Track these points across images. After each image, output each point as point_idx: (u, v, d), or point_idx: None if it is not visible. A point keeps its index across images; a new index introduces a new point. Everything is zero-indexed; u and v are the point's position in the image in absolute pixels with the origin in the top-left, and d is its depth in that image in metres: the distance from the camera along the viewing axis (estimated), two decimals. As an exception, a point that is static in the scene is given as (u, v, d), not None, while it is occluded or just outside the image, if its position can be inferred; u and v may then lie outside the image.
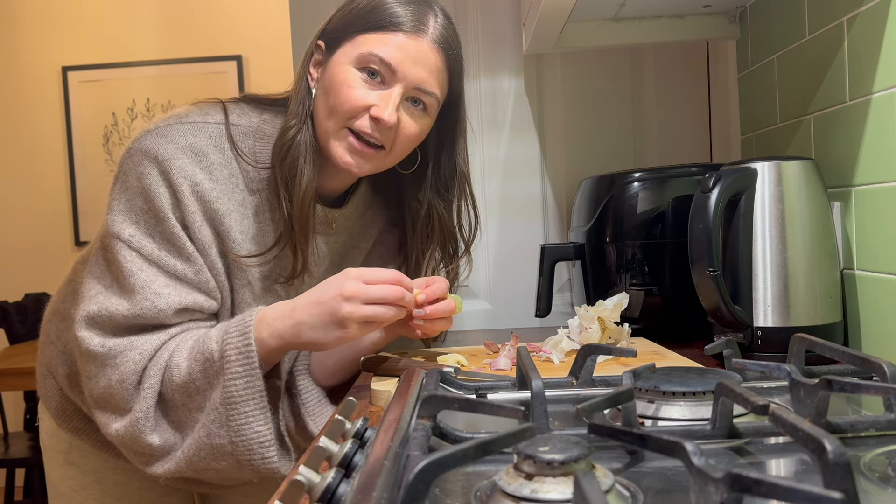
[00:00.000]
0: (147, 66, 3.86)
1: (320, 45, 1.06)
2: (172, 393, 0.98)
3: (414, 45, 1.00)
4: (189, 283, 1.00)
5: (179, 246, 1.00)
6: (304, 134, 1.02)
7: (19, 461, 2.97)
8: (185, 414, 0.98)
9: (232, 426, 0.94)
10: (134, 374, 0.97)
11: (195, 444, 0.96)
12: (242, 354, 0.94)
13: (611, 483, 0.49)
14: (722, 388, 0.61)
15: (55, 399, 1.20)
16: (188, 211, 0.99)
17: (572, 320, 1.14)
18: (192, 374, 0.96)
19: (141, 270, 0.98)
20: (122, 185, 1.02)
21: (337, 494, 0.51)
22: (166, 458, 0.99)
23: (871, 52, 0.94)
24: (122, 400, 0.98)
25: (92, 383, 1.00)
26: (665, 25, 1.42)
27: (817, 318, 0.99)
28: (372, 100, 0.99)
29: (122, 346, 0.98)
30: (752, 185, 0.99)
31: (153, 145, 1.00)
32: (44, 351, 1.22)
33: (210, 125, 1.04)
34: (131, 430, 0.97)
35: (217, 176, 1.02)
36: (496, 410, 0.62)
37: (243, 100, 1.10)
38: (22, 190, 3.94)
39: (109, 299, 0.99)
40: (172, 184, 0.99)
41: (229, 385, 0.94)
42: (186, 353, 0.97)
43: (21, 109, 3.94)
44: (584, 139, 1.60)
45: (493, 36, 1.59)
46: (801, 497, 0.39)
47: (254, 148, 1.05)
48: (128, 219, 1.00)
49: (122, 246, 0.99)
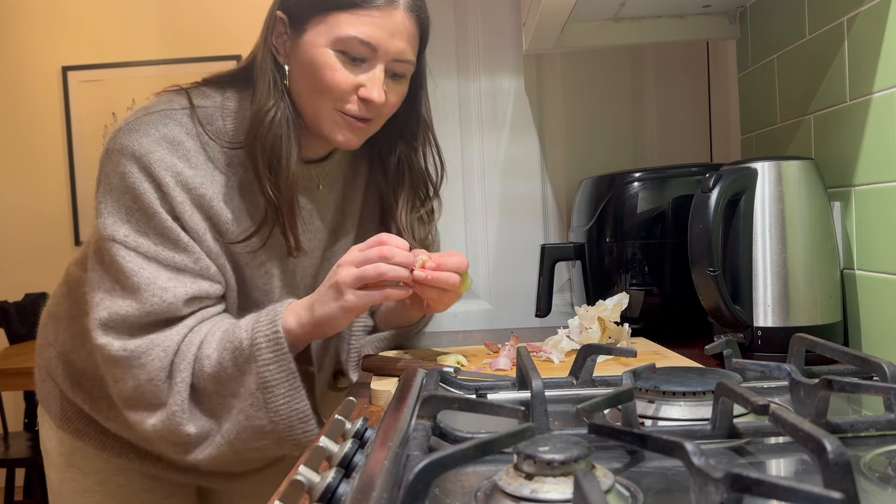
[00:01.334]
0: (147, 66, 3.86)
1: (282, 17, 1.04)
2: (204, 383, 0.99)
3: (389, 19, 0.99)
4: (191, 272, 1.01)
5: (175, 238, 1.00)
6: (282, 112, 1.02)
7: (19, 461, 2.98)
8: (219, 401, 1.00)
9: (270, 408, 0.96)
10: (162, 371, 0.99)
11: (236, 427, 0.98)
12: (272, 341, 0.96)
13: (611, 483, 0.49)
14: (722, 388, 0.61)
15: (55, 401, 1.20)
16: (176, 202, 0.99)
17: (572, 320, 1.14)
18: (222, 364, 0.98)
19: (142, 269, 0.99)
20: (105, 188, 1.01)
21: (337, 494, 0.51)
22: (205, 445, 1.01)
23: (871, 52, 0.94)
24: (154, 396, 0.99)
25: (120, 385, 1.00)
26: (665, 25, 1.42)
27: (817, 318, 0.99)
28: (359, 80, 1.00)
29: (143, 345, 0.99)
30: (752, 185, 0.99)
31: (128, 142, 1.00)
32: (42, 354, 1.22)
33: (177, 111, 1.03)
34: (168, 422, 0.99)
35: (195, 162, 1.02)
36: (496, 410, 0.62)
37: (203, 83, 1.10)
38: (22, 190, 3.94)
39: (116, 302, 0.99)
40: (155, 177, 0.99)
41: (263, 371, 0.96)
42: (216, 344, 0.99)
43: (21, 109, 3.94)
44: (584, 139, 1.60)
45: (493, 36, 1.59)
46: (801, 497, 0.39)
47: (223, 127, 1.05)
48: (118, 219, 0.99)
49: (118, 247, 0.99)
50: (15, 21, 3.93)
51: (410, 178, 1.17)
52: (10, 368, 2.73)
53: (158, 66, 3.85)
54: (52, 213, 3.93)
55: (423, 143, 1.16)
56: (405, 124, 1.14)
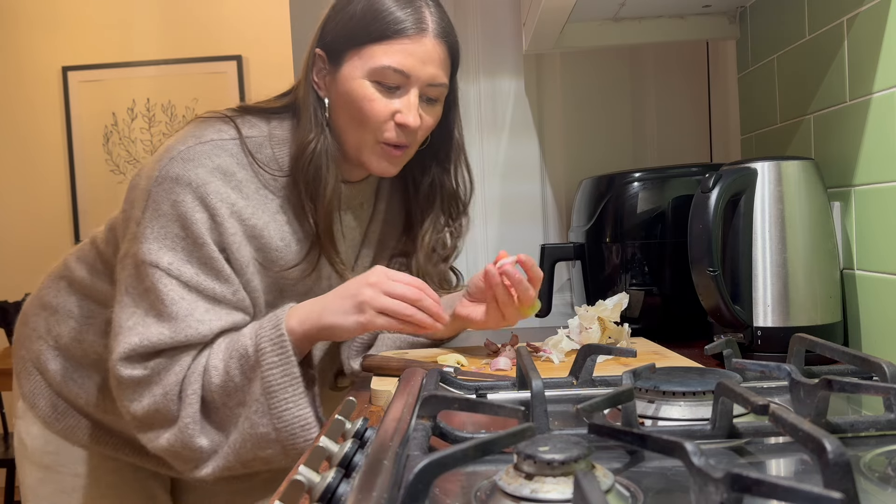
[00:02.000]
0: (147, 66, 3.85)
1: (321, 54, 1.07)
2: (212, 395, 1.00)
3: (420, 46, 1.03)
4: (228, 303, 1.03)
5: (218, 269, 1.02)
6: (322, 144, 1.06)
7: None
8: (226, 412, 1.01)
9: (273, 413, 0.97)
10: (176, 385, 1.00)
11: (241, 436, 0.99)
12: (276, 344, 0.98)
13: (611, 483, 0.49)
14: (722, 388, 0.61)
15: (44, 397, 1.19)
16: (228, 233, 1.02)
17: (572, 320, 1.14)
18: (229, 373, 0.99)
19: (182, 298, 1.00)
20: (153, 213, 1.01)
21: (337, 494, 0.51)
22: (214, 458, 1.01)
23: (871, 52, 0.94)
24: (167, 411, 1.00)
25: (135, 405, 1.01)
26: (665, 25, 1.42)
27: (817, 318, 0.99)
28: (395, 107, 1.04)
29: (163, 364, 1.00)
30: (752, 185, 0.99)
31: (183, 171, 1.01)
32: (28, 346, 1.20)
33: (227, 142, 1.05)
34: (181, 436, 0.99)
35: (247, 192, 1.05)
36: (496, 410, 0.62)
37: (244, 111, 1.12)
38: (22, 190, 3.94)
39: (150, 329, 1.00)
40: (210, 208, 1.00)
41: (267, 375, 0.97)
42: (222, 355, 1.00)
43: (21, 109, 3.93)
44: (584, 139, 1.60)
45: (493, 36, 1.59)
46: (801, 497, 0.39)
47: (272, 155, 1.08)
48: (164, 246, 1.00)
49: (161, 274, 0.99)
50: (15, 21, 3.93)
51: (441, 198, 1.19)
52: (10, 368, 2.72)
53: (158, 66, 3.85)
54: (51, 213, 3.92)
55: (455, 163, 1.19)
56: (439, 146, 1.16)
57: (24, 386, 1.21)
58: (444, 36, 1.05)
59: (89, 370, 1.17)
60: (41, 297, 1.21)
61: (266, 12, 3.77)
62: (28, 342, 1.21)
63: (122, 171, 3.81)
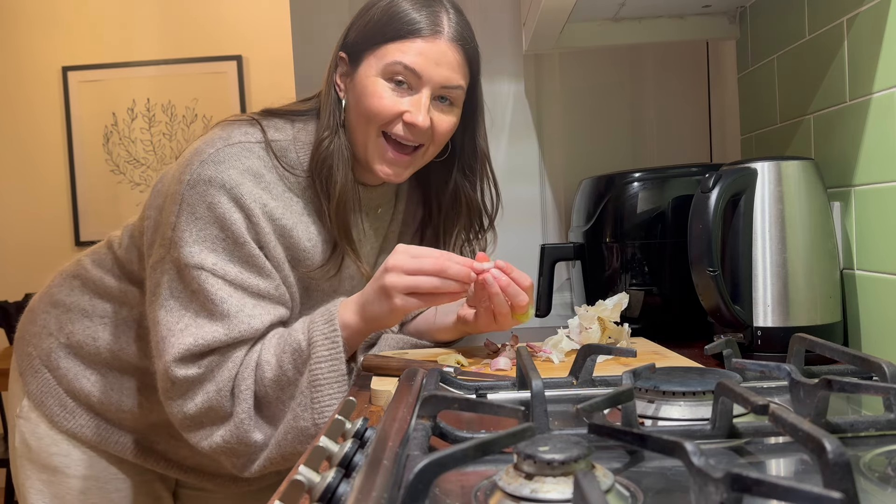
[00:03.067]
0: (147, 66, 3.85)
1: (343, 56, 1.10)
2: (266, 389, 1.01)
3: (433, 47, 1.04)
4: (272, 299, 1.05)
5: (260, 266, 1.03)
6: (336, 142, 1.07)
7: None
8: (279, 406, 1.02)
9: (315, 408, 0.98)
10: (229, 381, 1.01)
11: (284, 428, 1.00)
12: (328, 339, 0.99)
13: (611, 483, 0.49)
14: (722, 388, 0.61)
15: (52, 395, 1.18)
16: (263, 232, 1.03)
17: (572, 320, 1.14)
18: (282, 367, 1.00)
19: (230, 296, 1.01)
20: (189, 217, 1.02)
21: (337, 494, 0.51)
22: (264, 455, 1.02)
23: (871, 52, 0.94)
24: (221, 408, 1.01)
25: (189, 404, 1.01)
26: (665, 25, 1.42)
27: (817, 318, 0.99)
28: (404, 106, 1.05)
29: (216, 361, 1.01)
30: (752, 185, 0.99)
31: (216, 174, 1.02)
32: (37, 344, 1.20)
33: (254, 144, 1.07)
34: (237, 432, 1.00)
35: (275, 193, 1.06)
36: (496, 410, 0.62)
37: (269, 114, 1.13)
38: (22, 190, 3.93)
39: (203, 328, 1.01)
40: (244, 208, 1.02)
41: (315, 368, 0.98)
42: (274, 349, 1.01)
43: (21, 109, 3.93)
44: (584, 140, 1.60)
45: (493, 36, 1.59)
46: (801, 497, 0.39)
47: (297, 159, 1.09)
48: (205, 248, 1.01)
49: (206, 275, 1.01)
50: (15, 21, 3.93)
51: (468, 213, 1.20)
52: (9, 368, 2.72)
53: (158, 66, 3.85)
54: (51, 213, 3.92)
55: (480, 175, 1.20)
56: (461, 154, 1.17)
57: (31, 384, 1.20)
58: (461, 41, 1.07)
59: (101, 369, 1.17)
60: (52, 295, 1.21)
61: (266, 12, 3.77)
62: (36, 339, 1.20)
63: (122, 171, 3.81)
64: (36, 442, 1.19)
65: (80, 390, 1.17)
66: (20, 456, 1.21)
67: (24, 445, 1.20)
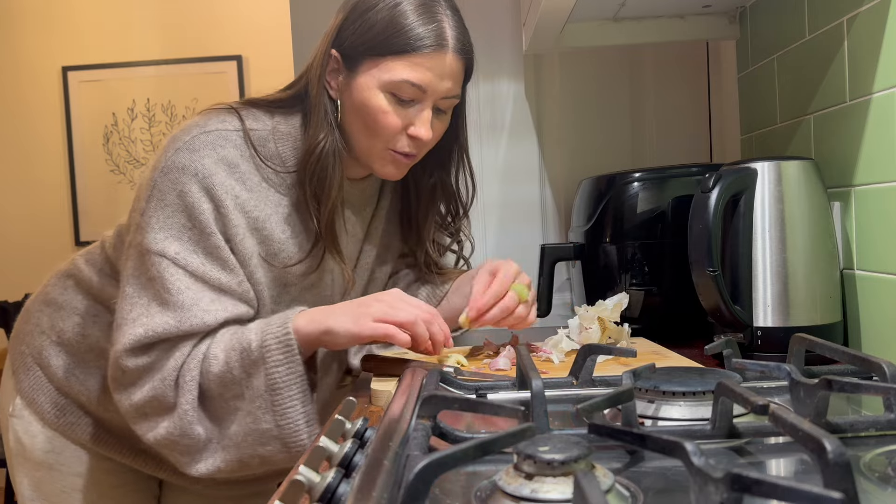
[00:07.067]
0: (147, 66, 3.85)
1: (336, 55, 1.07)
2: (209, 383, 1.00)
3: (439, 61, 1.03)
4: (233, 294, 1.03)
5: (223, 258, 1.02)
6: (330, 144, 1.06)
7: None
8: (221, 404, 1.01)
9: (277, 410, 0.97)
10: (174, 371, 1.00)
11: (242, 430, 0.99)
12: (282, 343, 0.98)
13: (611, 483, 0.49)
14: (722, 388, 0.61)
15: (45, 393, 1.18)
16: (231, 224, 1.02)
17: (572, 320, 1.14)
18: (229, 364, 0.99)
19: (188, 288, 1.00)
20: (158, 203, 1.01)
21: (337, 494, 0.51)
22: (211, 453, 1.01)
23: (871, 52, 0.94)
24: (165, 398, 1.00)
25: (135, 392, 1.01)
26: (665, 25, 1.42)
27: (817, 318, 0.99)
28: (409, 119, 1.04)
29: (164, 351, 1.00)
30: (751, 186, 0.99)
31: (189, 162, 1.01)
32: (29, 342, 1.20)
33: (231, 132, 1.05)
34: (179, 423, 0.99)
35: (250, 185, 1.05)
36: (496, 410, 0.62)
37: (249, 104, 1.11)
38: (22, 190, 3.93)
39: (154, 319, 1.00)
40: (215, 198, 1.01)
41: (272, 372, 0.97)
42: (224, 345, 1.00)
43: (21, 109, 3.93)
44: (584, 140, 1.60)
45: (493, 36, 1.59)
46: (801, 497, 0.39)
47: (275, 150, 1.07)
48: (170, 236, 1.00)
49: (167, 264, 1.00)
50: (15, 21, 3.93)
51: (444, 198, 1.21)
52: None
53: (158, 66, 3.85)
54: (51, 212, 3.92)
55: (457, 165, 1.20)
56: (443, 148, 1.16)
57: (23, 382, 1.20)
58: (463, 52, 1.06)
59: (92, 366, 1.17)
60: (46, 294, 1.21)
61: (266, 12, 3.77)
62: (29, 338, 1.20)
63: (122, 171, 3.81)
64: (29, 440, 1.19)
65: (71, 388, 1.17)
66: (15, 455, 1.21)
67: (18, 444, 1.20)
